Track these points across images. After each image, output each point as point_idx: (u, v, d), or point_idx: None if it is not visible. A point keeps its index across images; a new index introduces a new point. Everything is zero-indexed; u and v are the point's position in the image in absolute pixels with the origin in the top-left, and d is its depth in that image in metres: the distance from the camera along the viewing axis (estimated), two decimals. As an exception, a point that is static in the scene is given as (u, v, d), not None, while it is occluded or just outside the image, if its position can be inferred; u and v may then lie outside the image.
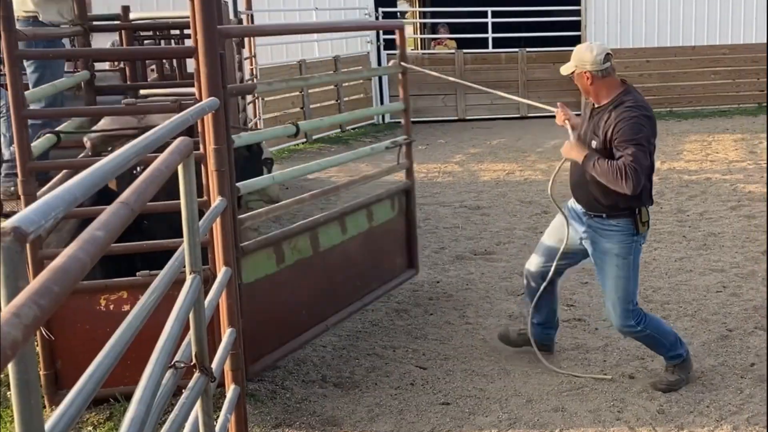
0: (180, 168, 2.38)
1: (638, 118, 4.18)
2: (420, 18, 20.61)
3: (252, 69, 11.32)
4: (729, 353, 5.07)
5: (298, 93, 12.89)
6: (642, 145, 4.18)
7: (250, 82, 10.75)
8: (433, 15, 19.09)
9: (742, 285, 6.26)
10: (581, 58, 4.28)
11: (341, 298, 5.21)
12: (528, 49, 15.45)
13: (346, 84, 13.64)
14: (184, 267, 2.50)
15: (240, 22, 10.28)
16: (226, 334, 3.36)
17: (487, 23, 15.42)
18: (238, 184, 4.34)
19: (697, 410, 4.39)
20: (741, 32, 15.81)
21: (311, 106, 13.11)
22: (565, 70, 4.39)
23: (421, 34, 19.56)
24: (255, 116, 11.70)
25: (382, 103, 14.73)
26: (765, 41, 15.68)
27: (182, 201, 2.45)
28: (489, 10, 15.29)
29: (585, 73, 4.28)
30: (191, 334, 2.50)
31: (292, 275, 4.71)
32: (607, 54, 4.27)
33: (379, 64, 14.88)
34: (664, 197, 9.11)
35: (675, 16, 15.59)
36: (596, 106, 4.42)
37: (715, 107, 15.63)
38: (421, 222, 8.30)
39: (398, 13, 19.45)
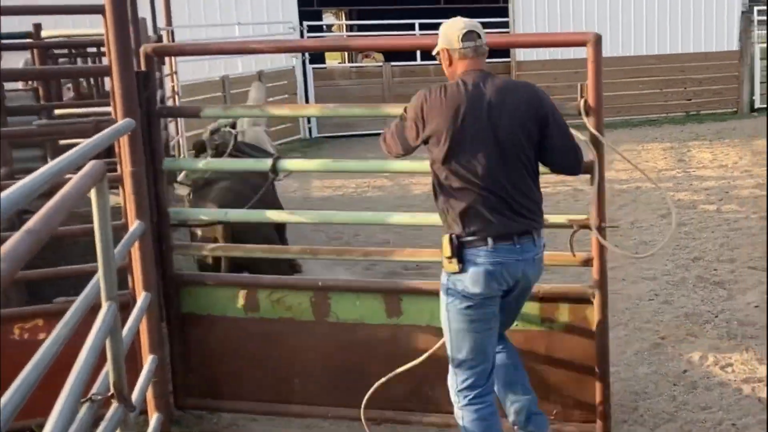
0: (93, 192, 2.36)
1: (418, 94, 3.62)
2: (346, 31, 20.72)
3: (173, 86, 11.22)
4: (662, 361, 5.21)
5: (220, 93, 12.68)
6: (402, 117, 3.68)
7: (171, 99, 10.67)
8: (360, 28, 19.24)
9: (673, 293, 6.45)
10: (442, 34, 3.59)
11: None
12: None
13: (272, 99, 13.59)
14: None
15: (159, 38, 10.19)
16: (148, 361, 3.32)
17: (414, 35, 15.58)
18: (170, 210, 4.36)
19: (632, 419, 4.50)
20: (667, 43, 16.33)
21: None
22: (435, 50, 3.67)
23: (348, 47, 19.63)
24: (177, 134, 11.58)
25: (308, 119, 14.77)
26: (691, 51, 16.28)
27: (96, 226, 2.42)
28: (416, 22, 15.47)
29: (443, 50, 3.57)
30: (109, 363, 2.47)
31: (274, 331, 4.39)
32: (470, 32, 3.51)
33: (305, 78, 14.94)
34: (596, 207, 9.31)
35: (602, 28, 15.96)
36: None
37: (644, 117, 16.08)
38: (350, 238, 8.34)
39: (324, 26, 19.53)
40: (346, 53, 20.07)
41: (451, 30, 3.55)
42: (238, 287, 4.41)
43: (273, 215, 5.07)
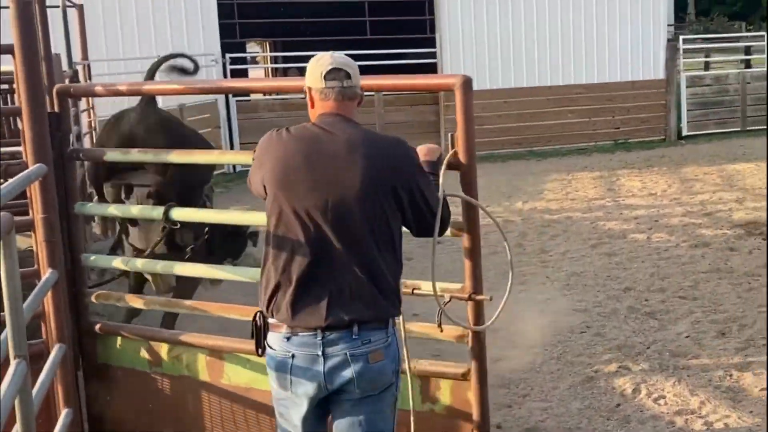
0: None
1: None
2: (271, 62, 20.74)
3: (90, 122, 11.06)
4: (595, 395, 5.30)
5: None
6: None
7: (88, 135, 10.51)
8: (285, 59, 19.29)
9: (605, 324, 6.57)
10: (308, 70, 3.14)
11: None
12: (384, 93, 15.82)
13: (192, 117, 13.47)
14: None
15: (75, 73, 10.05)
16: (62, 415, 3.25)
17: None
18: (84, 256, 4.29)
19: (566, 456, 4.56)
20: (595, 72, 16.78)
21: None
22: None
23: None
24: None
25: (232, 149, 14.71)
26: (618, 80, 16.76)
27: (3, 281, 2.38)
28: (343, 53, 15.52)
29: (307, 89, 3.13)
30: (18, 425, 2.41)
31: (176, 389, 4.21)
32: (336, 70, 3.07)
33: (228, 111, 14.90)
34: (527, 238, 9.49)
35: (530, 57, 16.38)
36: None
37: (573, 146, 16.45)
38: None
39: (248, 58, 19.52)
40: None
41: (316, 66, 3.09)
42: (143, 339, 4.31)
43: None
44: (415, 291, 3.69)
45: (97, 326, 4.35)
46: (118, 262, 4.67)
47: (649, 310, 6.85)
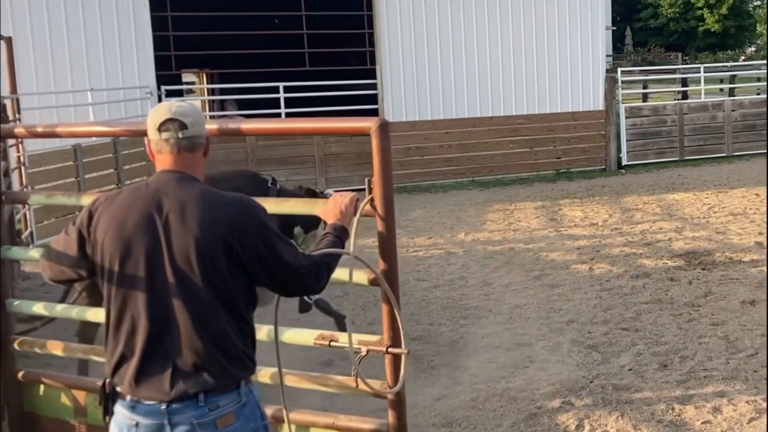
0: None
1: None
2: (208, 94, 20.60)
3: (19, 156, 10.80)
4: (538, 432, 5.27)
5: (72, 163, 12.01)
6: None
7: (17, 170, 10.26)
8: (222, 91, 19.17)
9: (548, 358, 6.55)
10: (147, 120, 2.99)
11: None
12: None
13: (129, 167, 13.21)
14: None
15: (3, 108, 9.83)
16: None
17: (279, 99, 15.62)
18: (8, 302, 4.15)
19: (510, 497, 4.50)
20: (536, 103, 17.01)
21: (86, 176, 12.20)
22: None
23: (209, 111, 19.54)
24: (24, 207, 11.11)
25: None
26: (559, 110, 17.01)
27: None
28: (281, 85, 15.52)
29: (147, 141, 3.00)
30: None
31: None
32: (170, 120, 2.90)
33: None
34: (469, 270, 9.48)
35: (472, 88, 16.53)
36: None
37: (515, 175, 16.61)
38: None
39: (183, 91, 19.37)
40: (207, 117, 19.90)
41: (152, 117, 2.92)
42: (66, 387, 4.14)
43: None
44: (332, 343, 3.61)
45: (20, 374, 4.19)
46: (39, 308, 4.51)
47: (592, 342, 6.85)
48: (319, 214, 3.56)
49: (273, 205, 4.09)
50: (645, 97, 23.53)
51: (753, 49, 61.46)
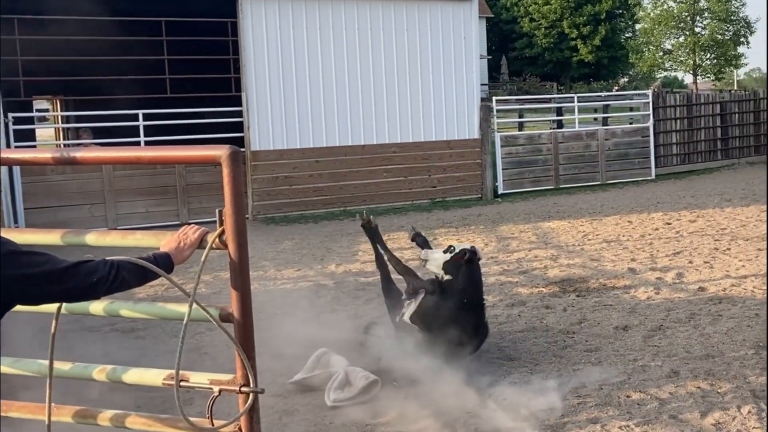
0: None
1: None
2: (62, 122, 20.00)
3: None
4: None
5: None
6: None
7: None
8: (77, 119, 18.64)
9: (418, 392, 6.54)
10: None
11: None
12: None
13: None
14: None
15: None
16: None
17: (138, 126, 15.30)
18: None
19: None
20: (410, 131, 17.24)
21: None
22: None
23: (63, 139, 18.98)
24: None
25: (15, 217, 13.93)
26: (434, 139, 17.28)
27: None
28: (140, 112, 15.22)
29: None
30: None
31: None
32: None
33: (11, 173, 14.14)
34: (341, 302, 9.44)
35: (343, 117, 16.62)
36: None
37: (389, 205, 16.76)
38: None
39: (35, 118, 18.74)
40: (62, 146, 19.30)
41: None
42: None
43: None
44: (182, 383, 3.53)
45: None
46: None
47: (467, 373, 6.88)
48: (161, 246, 3.57)
49: (119, 238, 3.97)
50: (520, 126, 24.21)
51: (626, 79, 64.37)
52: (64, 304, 3.67)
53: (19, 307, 3.32)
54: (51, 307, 3.65)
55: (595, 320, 8.32)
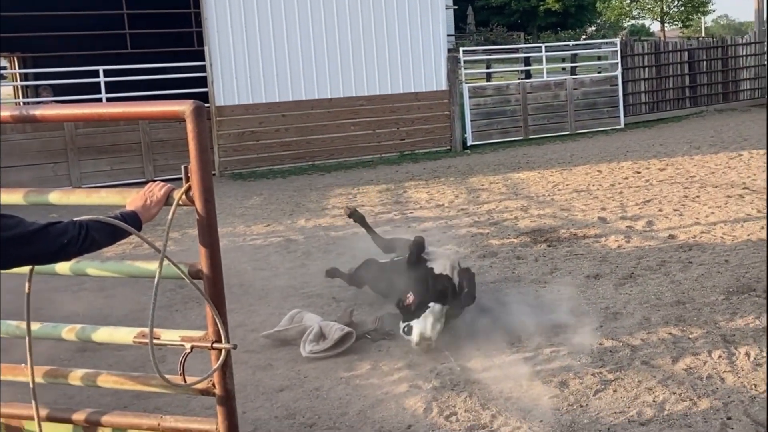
0: None
1: None
2: (21, 80, 19.67)
3: None
4: (385, 418, 5.27)
5: None
6: None
7: None
8: (36, 76, 18.36)
9: (392, 344, 6.57)
10: None
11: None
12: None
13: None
14: None
15: None
16: None
17: (99, 83, 15.09)
18: None
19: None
20: (377, 83, 17.13)
21: None
22: None
23: (23, 97, 18.70)
24: None
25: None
26: (401, 91, 17.21)
27: None
28: (101, 68, 15.00)
29: None
30: None
31: None
32: None
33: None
34: (312, 257, 9.44)
35: (308, 70, 16.47)
36: None
37: (357, 158, 16.73)
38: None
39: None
40: (22, 104, 19.01)
41: None
42: None
43: None
44: (154, 341, 3.52)
45: None
46: None
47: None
48: (127, 205, 3.56)
49: (83, 197, 3.92)
50: (488, 77, 24.16)
51: (593, 28, 64.35)
52: None
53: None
54: (20, 269, 3.61)
55: (566, 269, 8.40)
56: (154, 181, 3.74)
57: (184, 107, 3.44)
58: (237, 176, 15.62)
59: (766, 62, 23.17)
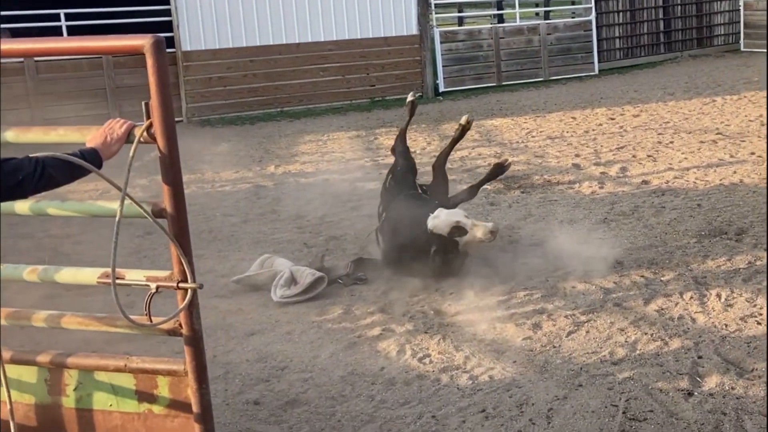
0: None
1: None
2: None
3: None
4: (358, 361, 5.31)
5: None
6: None
7: None
8: (-6, 20, 17.98)
9: (365, 289, 6.60)
10: None
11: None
12: (113, 54, 15.15)
13: None
14: None
15: None
16: None
17: (61, 26, 14.83)
18: None
19: (329, 426, 4.52)
20: (346, 28, 16.95)
21: None
22: None
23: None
24: None
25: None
26: (371, 36, 17.05)
27: None
28: (62, 12, 14.74)
29: None
30: None
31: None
32: None
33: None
34: (282, 203, 9.41)
35: (275, 14, 16.26)
36: None
37: (327, 104, 16.62)
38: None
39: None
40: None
41: None
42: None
43: None
44: (117, 281, 3.48)
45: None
46: None
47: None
48: (87, 142, 3.48)
49: (41, 135, 3.83)
50: (460, 21, 24.00)
51: (567, -26, 63.84)
52: None
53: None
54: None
55: (540, 215, 8.43)
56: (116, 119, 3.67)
57: (144, 41, 3.37)
58: (205, 123, 15.48)
59: (740, 7, 23.16)
